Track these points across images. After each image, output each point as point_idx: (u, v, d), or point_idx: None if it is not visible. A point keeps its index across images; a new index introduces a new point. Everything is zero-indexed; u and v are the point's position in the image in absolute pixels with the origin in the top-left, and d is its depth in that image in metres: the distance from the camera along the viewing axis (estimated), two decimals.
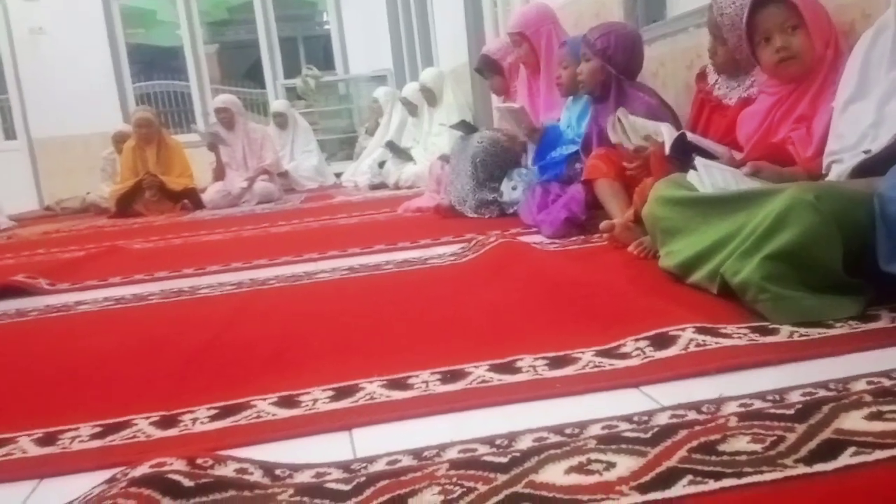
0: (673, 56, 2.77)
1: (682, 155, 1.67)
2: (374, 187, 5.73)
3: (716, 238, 1.44)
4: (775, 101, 1.79)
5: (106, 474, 0.88)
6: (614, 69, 2.49)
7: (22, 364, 1.49)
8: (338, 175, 6.85)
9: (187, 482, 0.76)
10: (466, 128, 3.42)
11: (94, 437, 1.02)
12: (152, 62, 11.99)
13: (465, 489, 0.75)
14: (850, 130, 1.53)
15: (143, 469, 0.78)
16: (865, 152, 1.43)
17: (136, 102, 7.93)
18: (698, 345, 1.12)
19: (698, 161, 1.59)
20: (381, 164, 5.87)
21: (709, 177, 1.55)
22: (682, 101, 2.50)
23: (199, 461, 0.81)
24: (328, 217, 3.89)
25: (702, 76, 2.18)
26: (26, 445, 1.02)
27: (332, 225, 3.56)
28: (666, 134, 1.76)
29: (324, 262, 2.40)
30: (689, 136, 1.76)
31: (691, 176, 1.62)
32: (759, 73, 1.88)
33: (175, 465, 0.79)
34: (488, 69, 3.61)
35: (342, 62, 8.88)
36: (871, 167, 1.37)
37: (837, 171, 1.51)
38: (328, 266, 2.29)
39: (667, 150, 1.73)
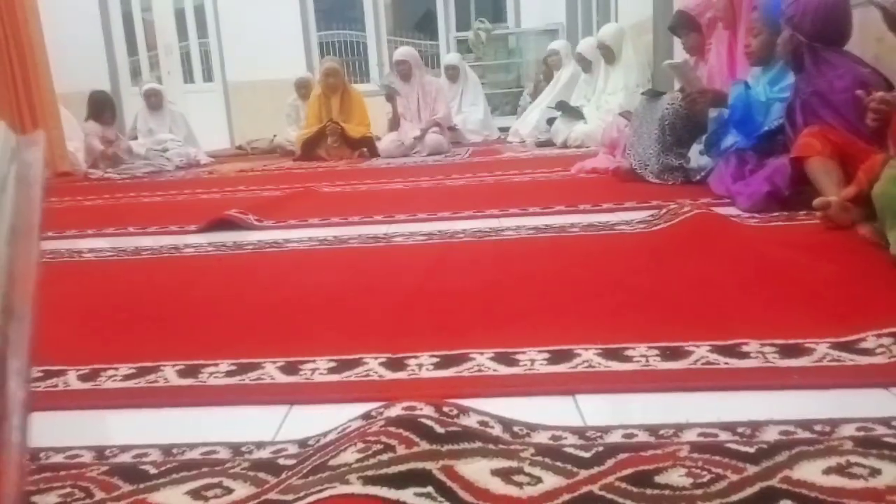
0: None
1: None
2: (540, 144, 5.68)
3: None
4: None
5: (348, 408, 0.95)
6: (804, 37, 2.29)
7: (250, 292, 1.65)
8: (502, 130, 6.85)
9: (439, 428, 0.80)
10: (654, 93, 3.28)
11: (331, 371, 1.11)
12: (331, 11, 12.47)
13: (713, 475, 0.74)
14: None
15: (397, 410, 0.84)
16: None
17: (319, 50, 8.34)
18: None
19: None
20: (550, 122, 5.79)
21: None
22: None
23: (446, 409, 0.85)
24: (500, 173, 3.90)
25: None
26: (273, 373, 1.12)
27: (506, 182, 3.58)
28: None
29: (506, 219, 2.42)
30: None
31: None
32: None
33: (425, 411, 0.84)
34: (684, 27, 3.41)
35: (514, 14, 8.77)
36: None
37: None
38: (512, 224, 2.30)
39: None
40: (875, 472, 0.73)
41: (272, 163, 5.63)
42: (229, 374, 1.13)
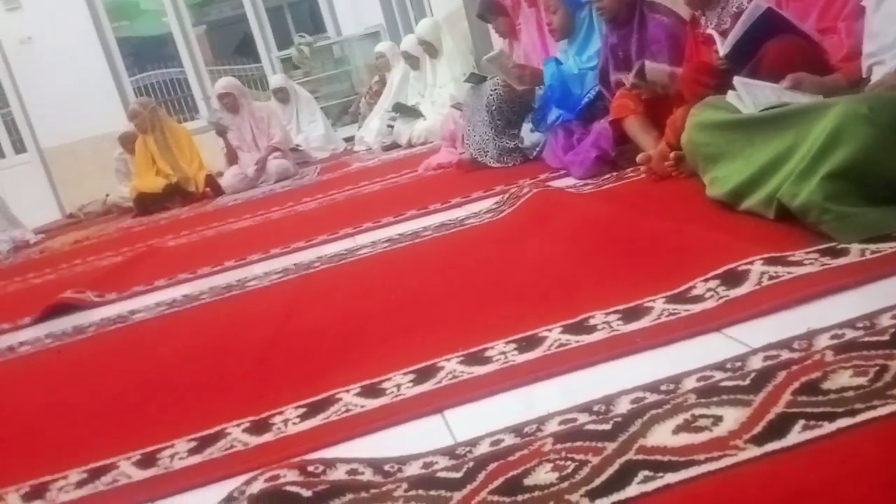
0: None
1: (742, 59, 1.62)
2: (386, 148, 5.69)
3: (765, 161, 1.40)
4: None
5: (215, 489, 0.90)
6: None
7: (98, 382, 1.52)
8: (347, 140, 6.79)
9: (305, 492, 0.77)
10: (477, 79, 3.35)
11: (191, 452, 1.04)
12: (142, 53, 11.83)
13: (577, 463, 0.76)
14: (887, 28, 1.47)
15: (259, 485, 0.80)
16: None
17: (135, 96, 7.87)
18: (771, 277, 1.10)
19: (737, 80, 1.54)
20: (391, 126, 5.81)
21: (750, 96, 1.51)
22: None
23: (311, 468, 0.82)
24: (351, 187, 3.87)
25: (694, 21, 2.13)
26: (128, 469, 1.04)
27: (358, 195, 3.55)
28: (718, 42, 1.71)
29: (361, 235, 2.40)
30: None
31: (731, 97, 1.58)
32: None
33: (289, 477, 0.80)
34: (490, 12, 3.51)
35: (332, 24, 8.70)
36: None
37: (880, 73, 1.46)
38: (367, 240, 2.29)
39: (722, 52, 1.68)
40: (717, 420, 0.78)
41: (109, 225, 5.27)
42: (80, 483, 1.03)
